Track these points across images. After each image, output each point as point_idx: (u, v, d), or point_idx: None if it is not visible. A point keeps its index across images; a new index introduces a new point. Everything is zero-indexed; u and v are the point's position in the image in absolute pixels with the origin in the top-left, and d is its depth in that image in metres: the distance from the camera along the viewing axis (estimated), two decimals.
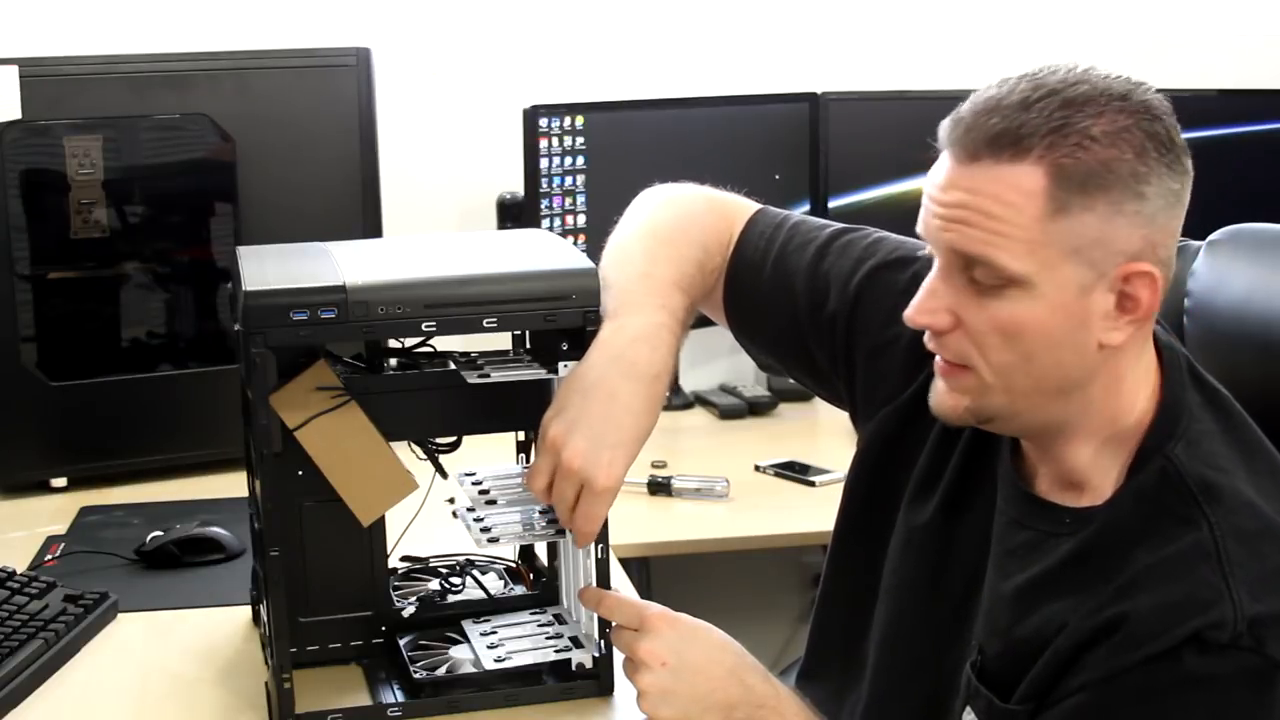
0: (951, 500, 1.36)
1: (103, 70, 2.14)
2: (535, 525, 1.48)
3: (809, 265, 1.50)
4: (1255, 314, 1.45)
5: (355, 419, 1.45)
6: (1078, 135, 1.15)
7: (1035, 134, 1.15)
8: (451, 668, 1.50)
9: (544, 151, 2.51)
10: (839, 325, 1.47)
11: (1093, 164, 1.15)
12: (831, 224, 1.55)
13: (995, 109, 1.17)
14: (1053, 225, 1.15)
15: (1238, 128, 2.70)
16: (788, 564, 2.96)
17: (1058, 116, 1.15)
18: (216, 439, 2.12)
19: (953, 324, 1.23)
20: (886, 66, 2.90)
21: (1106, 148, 1.15)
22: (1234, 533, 1.17)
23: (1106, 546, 1.20)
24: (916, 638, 1.37)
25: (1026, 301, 1.18)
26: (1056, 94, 1.16)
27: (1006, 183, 1.16)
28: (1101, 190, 1.15)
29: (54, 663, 1.57)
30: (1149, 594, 1.15)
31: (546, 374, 1.46)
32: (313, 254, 1.51)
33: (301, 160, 2.22)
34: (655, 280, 1.45)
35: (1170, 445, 1.22)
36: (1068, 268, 1.16)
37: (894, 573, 1.40)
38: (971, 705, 1.26)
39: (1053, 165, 1.15)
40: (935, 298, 1.23)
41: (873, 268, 1.47)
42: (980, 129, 1.17)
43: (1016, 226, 1.16)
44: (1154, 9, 3.00)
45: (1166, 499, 1.20)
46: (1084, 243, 1.16)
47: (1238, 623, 1.13)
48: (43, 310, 2.13)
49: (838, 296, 1.47)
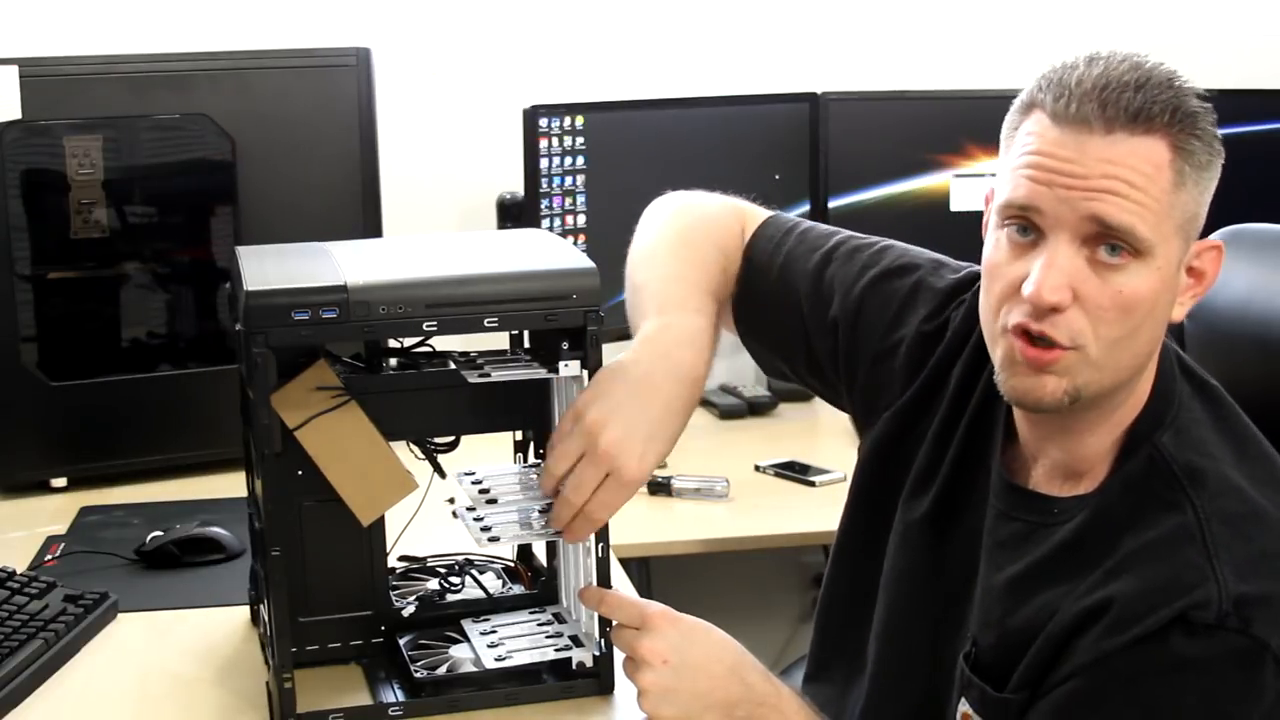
0: (947, 495, 1.37)
1: (103, 70, 2.14)
2: (535, 524, 1.48)
3: (814, 271, 1.51)
4: (1255, 314, 1.45)
5: (355, 419, 1.46)
6: (1186, 113, 1.19)
7: (1163, 110, 1.18)
8: (452, 667, 1.50)
9: (544, 151, 2.51)
10: (842, 331, 1.48)
11: (1203, 142, 1.20)
12: (839, 231, 1.56)
13: (1122, 85, 1.19)
14: (1174, 198, 1.19)
15: (1238, 128, 2.69)
16: (788, 564, 2.96)
17: (1169, 94, 1.19)
18: (216, 439, 2.12)
19: (1072, 300, 1.21)
20: (886, 66, 2.90)
21: (1205, 126, 1.20)
22: (1220, 515, 1.18)
23: (1095, 533, 1.22)
24: (913, 631, 1.38)
25: (1144, 274, 1.19)
26: (1151, 74, 1.20)
27: (1143, 155, 1.18)
28: (1202, 167, 1.20)
29: (54, 663, 1.57)
30: (1134, 577, 1.17)
31: (547, 373, 1.46)
32: (313, 254, 1.51)
33: (301, 160, 2.22)
34: (688, 283, 1.47)
35: (1159, 433, 1.24)
36: (1176, 240, 1.20)
37: (892, 568, 1.41)
38: (966, 696, 1.27)
39: (1174, 140, 1.18)
40: (1061, 274, 1.19)
41: (876, 275, 1.47)
42: (1116, 104, 1.18)
43: (1151, 198, 1.18)
44: (1154, 9, 3.00)
45: (1153, 485, 1.21)
46: (1187, 217, 1.21)
47: (1223, 603, 1.13)
48: (43, 310, 2.13)
49: (841, 302, 1.48)
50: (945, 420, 1.38)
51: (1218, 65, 2.89)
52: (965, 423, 1.36)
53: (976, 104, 2.70)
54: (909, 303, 1.46)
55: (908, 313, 1.45)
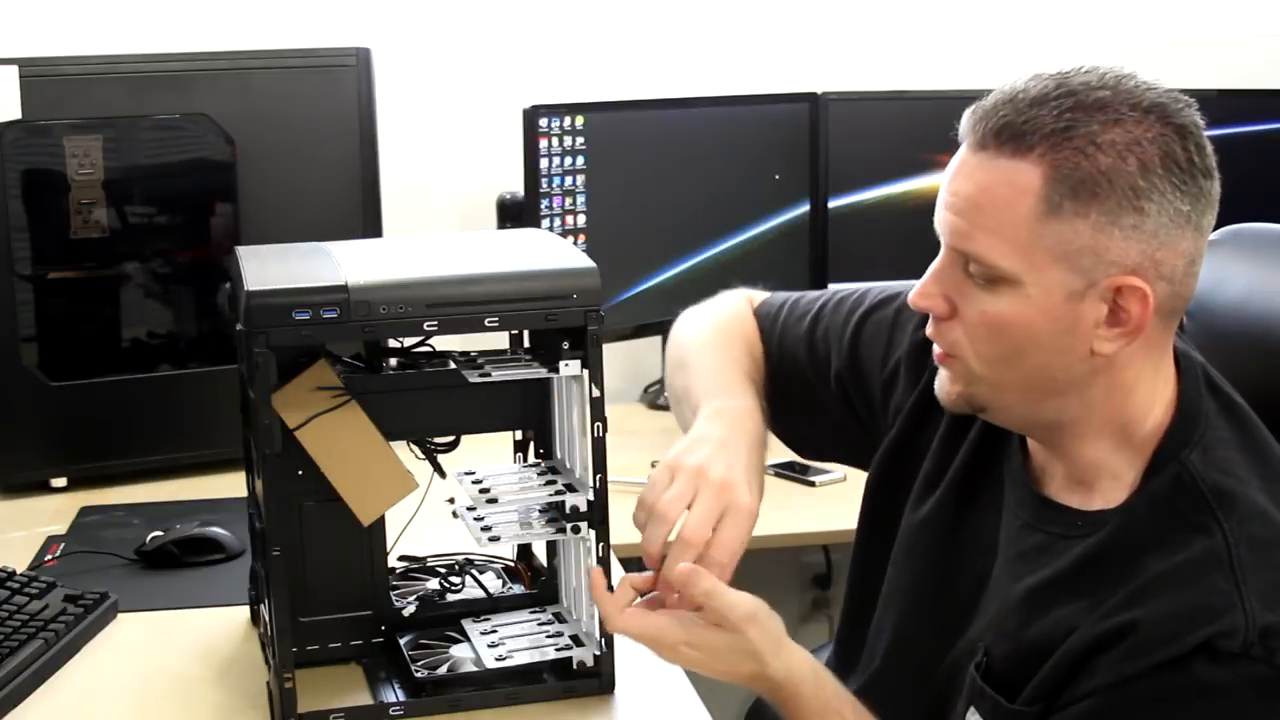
0: (956, 497, 1.36)
1: (103, 70, 2.13)
2: (535, 523, 1.48)
3: (806, 334, 1.55)
4: (1255, 314, 1.45)
5: (355, 419, 1.46)
6: (1082, 139, 1.14)
7: (1039, 132, 1.15)
8: (452, 667, 1.50)
9: (544, 151, 2.51)
10: (848, 379, 1.51)
11: (1091, 171, 1.14)
12: (826, 292, 1.59)
13: (1011, 101, 1.17)
14: (1043, 226, 1.15)
15: (1238, 128, 2.70)
16: (788, 564, 2.96)
17: (1067, 118, 1.14)
18: (216, 439, 2.11)
19: (949, 311, 1.23)
20: (886, 66, 2.90)
21: (1110, 157, 1.14)
22: (1248, 541, 1.16)
23: (1119, 551, 1.20)
24: (920, 634, 1.37)
25: (1015, 300, 1.18)
26: (1074, 95, 1.16)
27: (1003, 176, 1.16)
28: (1096, 199, 1.14)
29: (54, 663, 1.57)
30: (1161, 601, 1.15)
31: (547, 373, 1.46)
32: (313, 254, 1.51)
33: (301, 160, 2.22)
34: (736, 373, 1.51)
35: (1186, 452, 1.21)
36: (1056, 271, 1.16)
37: (899, 569, 1.40)
38: (976, 706, 1.26)
39: (1051, 166, 1.14)
40: (935, 283, 1.24)
41: (861, 315, 1.51)
42: (990, 119, 1.17)
43: (1006, 223, 1.16)
44: (1154, 9, 3.00)
45: (1181, 505, 1.19)
46: (1073, 249, 1.15)
47: (1249, 632, 1.12)
48: (43, 310, 2.13)
49: (837, 354, 1.52)
50: (952, 423, 1.38)
51: (1218, 65, 2.90)
52: (978, 425, 1.36)
53: None
54: (897, 323, 1.48)
55: (898, 332, 1.47)
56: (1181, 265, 1.17)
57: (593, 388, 1.42)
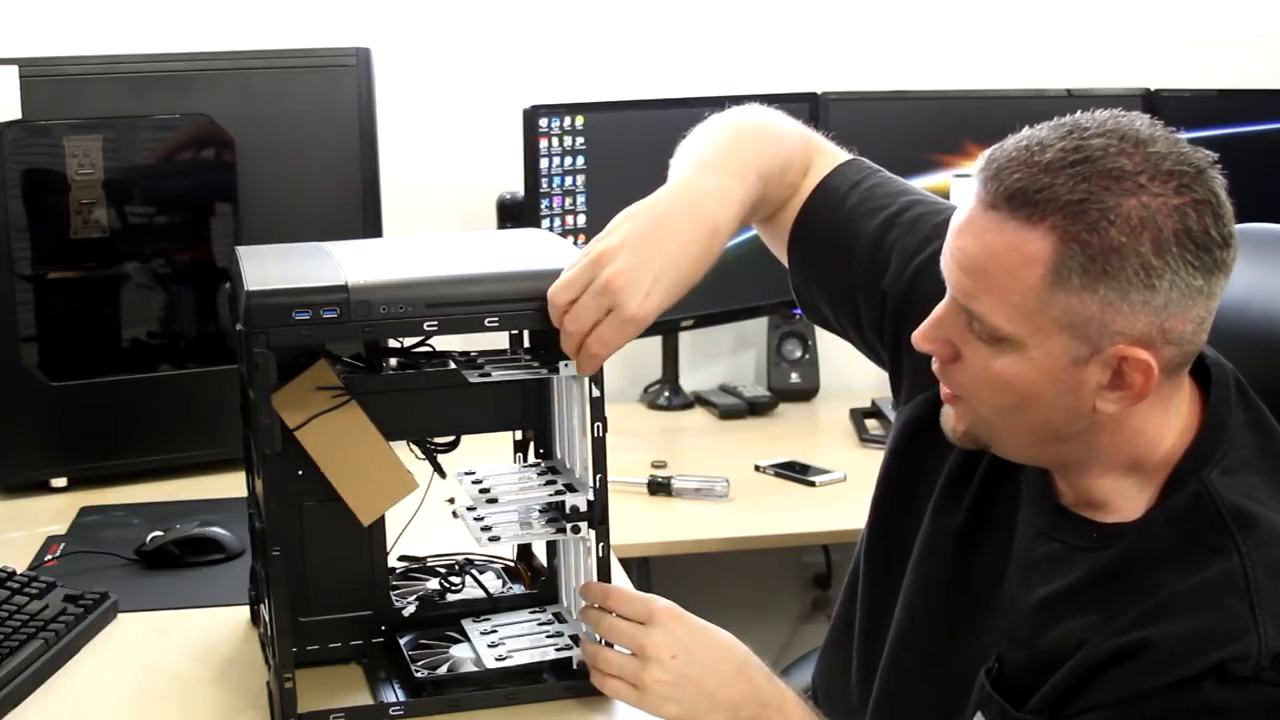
0: (978, 505, 1.34)
1: (103, 70, 2.13)
2: (535, 524, 1.48)
3: (875, 234, 1.46)
4: (1255, 314, 1.45)
5: (355, 419, 1.46)
6: (1098, 213, 1.11)
7: (1054, 203, 1.12)
8: (452, 667, 1.50)
9: (544, 151, 2.51)
10: (890, 305, 1.45)
11: (1103, 248, 1.11)
12: (909, 190, 1.50)
13: (1026, 164, 1.13)
14: (1049, 296, 1.13)
15: (1238, 128, 2.70)
16: (788, 564, 2.96)
17: (1082, 190, 1.11)
18: (216, 439, 2.12)
19: (953, 355, 1.22)
20: (886, 66, 2.90)
21: (1123, 234, 1.10)
22: (1265, 564, 1.15)
23: (1134, 567, 1.19)
24: (930, 638, 1.36)
25: (1018, 360, 1.17)
26: (1093, 162, 1.12)
27: (1012, 243, 1.13)
28: (1106, 276, 1.11)
29: (54, 663, 1.57)
30: (1175, 621, 1.14)
31: (547, 373, 1.46)
32: (313, 254, 1.51)
33: (301, 160, 2.22)
34: (737, 155, 1.43)
35: (1208, 470, 1.20)
36: (1061, 338, 1.15)
37: (915, 572, 1.39)
38: (984, 712, 1.26)
39: (1063, 238, 1.11)
40: (941, 328, 1.22)
41: (929, 256, 1.39)
42: (1003, 180, 1.14)
43: (1012, 290, 1.14)
44: (1154, 9, 3.00)
45: (1199, 525, 1.18)
46: (1080, 320, 1.13)
47: (1261, 656, 1.12)
48: (43, 310, 2.13)
49: (894, 276, 1.44)
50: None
51: (1218, 65, 2.90)
52: None
53: (976, 104, 2.70)
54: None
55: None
56: (1190, 329, 1.16)
57: (593, 388, 1.42)
